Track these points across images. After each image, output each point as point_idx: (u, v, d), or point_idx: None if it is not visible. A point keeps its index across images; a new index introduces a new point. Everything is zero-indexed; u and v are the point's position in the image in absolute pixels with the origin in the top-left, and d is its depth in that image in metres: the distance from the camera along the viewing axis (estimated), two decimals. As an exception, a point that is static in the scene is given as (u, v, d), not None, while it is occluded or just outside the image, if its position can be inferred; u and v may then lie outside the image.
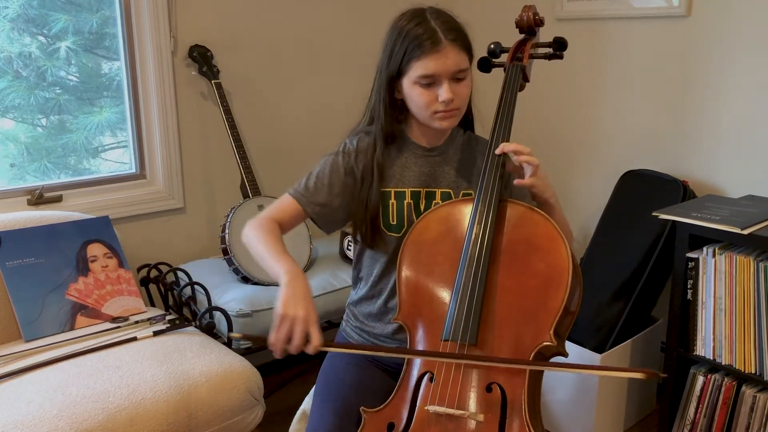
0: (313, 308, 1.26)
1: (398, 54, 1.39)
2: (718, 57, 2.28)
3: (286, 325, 1.23)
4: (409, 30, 1.38)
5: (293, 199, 1.49)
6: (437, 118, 1.42)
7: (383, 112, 1.47)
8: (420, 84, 1.39)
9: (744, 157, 2.27)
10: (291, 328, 1.23)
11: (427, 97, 1.40)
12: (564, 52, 1.53)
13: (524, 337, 1.27)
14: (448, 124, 1.44)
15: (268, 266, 1.38)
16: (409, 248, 1.41)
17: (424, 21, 1.39)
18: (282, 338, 1.23)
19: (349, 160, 1.50)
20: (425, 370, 1.30)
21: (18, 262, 1.99)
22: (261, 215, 1.48)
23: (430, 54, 1.36)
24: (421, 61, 1.36)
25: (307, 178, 1.50)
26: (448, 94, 1.38)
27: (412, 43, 1.37)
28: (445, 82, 1.38)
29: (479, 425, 1.22)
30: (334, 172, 1.49)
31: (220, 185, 2.65)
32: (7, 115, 2.28)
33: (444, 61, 1.36)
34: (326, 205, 1.48)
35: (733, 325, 1.91)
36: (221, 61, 2.53)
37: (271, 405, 2.12)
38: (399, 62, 1.39)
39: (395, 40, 1.41)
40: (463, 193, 1.50)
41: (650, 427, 2.42)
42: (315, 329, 1.24)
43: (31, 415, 1.57)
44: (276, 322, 1.24)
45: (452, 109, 1.41)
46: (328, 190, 1.48)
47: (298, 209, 1.48)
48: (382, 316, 1.54)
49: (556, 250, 1.31)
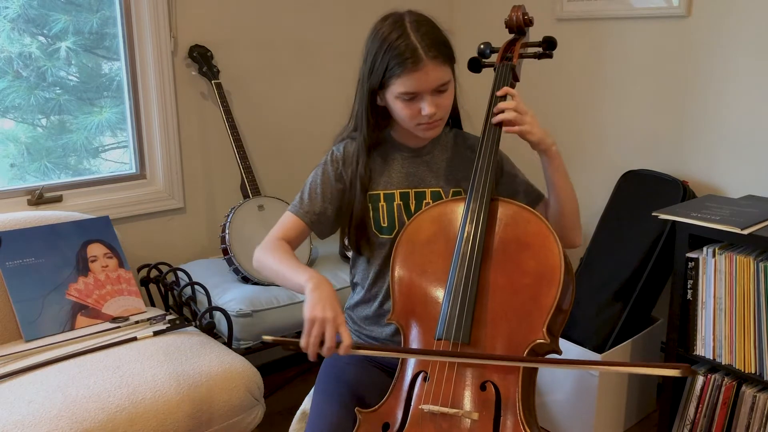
0: (340, 310, 1.28)
1: (379, 69, 1.38)
2: (717, 57, 2.29)
3: (318, 327, 1.25)
4: (390, 44, 1.36)
5: (293, 215, 1.51)
6: (421, 129, 1.44)
7: (365, 124, 1.48)
8: (402, 99, 1.39)
9: (744, 157, 2.27)
10: (322, 330, 1.24)
11: (409, 111, 1.40)
12: (554, 51, 1.53)
13: (517, 335, 1.28)
14: (432, 134, 1.46)
15: (289, 281, 1.39)
16: (402, 248, 1.42)
17: (405, 34, 1.36)
18: (314, 341, 1.24)
19: (338, 167, 1.52)
20: (419, 369, 1.31)
21: (18, 262, 1.99)
22: (267, 239, 1.49)
23: (411, 73, 1.35)
24: (402, 79, 1.36)
25: (302, 192, 1.53)
26: (431, 109, 1.38)
27: (393, 60, 1.36)
28: (427, 96, 1.38)
29: (474, 424, 1.23)
30: (325, 182, 1.52)
31: (220, 185, 2.65)
32: (7, 115, 2.28)
33: (425, 79, 1.36)
34: (323, 213, 1.51)
35: (733, 325, 1.91)
36: (221, 61, 2.53)
37: (271, 405, 2.12)
38: (380, 77, 1.39)
39: (376, 54, 1.39)
40: (453, 192, 1.51)
41: (650, 427, 2.42)
42: (345, 329, 1.26)
43: (31, 415, 1.57)
44: (307, 326, 1.25)
45: (435, 120, 1.42)
46: (321, 199, 1.51)
47: (300, 224, 1.50)
48: (379, 319, 1.55)
49: (548, 247, 1.31)
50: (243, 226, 2.31)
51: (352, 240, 1.52)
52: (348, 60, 2.90)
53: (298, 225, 1.50)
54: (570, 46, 2.69)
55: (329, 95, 2.81)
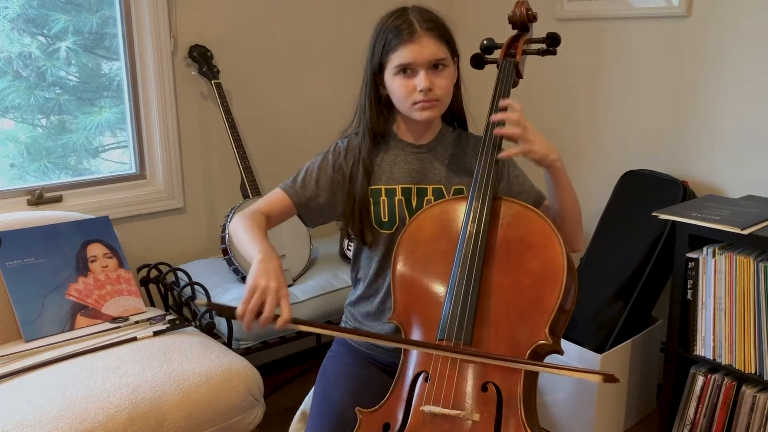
0: (285, 283, 1.25)
1: (378, 48, 1.44)
2: (718, 57, 2.28)
3: (258, 296, 1.21)
4: (388, 25, 1.44)
5: (283, 192, 1.52)
6: (417, 108, 1.44)
7: (368, 107, 1.50)
8: (399, 75, 1.42)
9: (744, 157, 2.27)
10: (262, 299, 1.21)
11: (405, 87, 1.42)
12: (557, 47, 1.52)
13: (519, 335, 1.27)
14: (428, 115, 1.44)
15: (246, 250, 1.37)
16: (404, 247, 1.41)
17: (404, 14, 1.44)
18: (252, 309, 1.21)
19: (338, 157, 1.53)
20: (420, 369, 1.30)
21: (18, 262, 1.99)
22: (250, 207, 1.49)
23: (406, 44, 1.40)
24: (398, 51, 1.41)
25: (297, 173, 1.54)
26: (426, 83, 1.40)
27: (390, 34, 1.42)
28: (421, 71, 1.41)
29: (475, 425, 1.22)
30: (323, 168, 1.52)
31: (220, 185, 2.65)
32: (7, 115, 2.28)
33: (420, 50, 1.40)
34: (312, 198, 1.51)
35: (733, 325, 1.91)
36: (221, 61, 2.53)
37: (271, 405, 2.12)
38: (379, 55, 1.44)
39: (377, 37, 1.46)
40: (455, 189, 1.51)
41: (650, 427, 2.42)
42: (286, 302, 1.22)
43: (31, 415, 1.57)
44: (246, 294, 1.22)
45: (431, 99, 1.42)
46: (315, 184, 1.51)
47: (287, 202, 1.51)
48: (380, 315, 1.54)
49: (551, 248, 1.30)
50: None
51: (357, 229, 1.51)
52: (348, 60, 2.91)
53: (285, 202, 1.51)
54: (570, 46, 2.68)
55: (329, 95, 2.81)
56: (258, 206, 1.50)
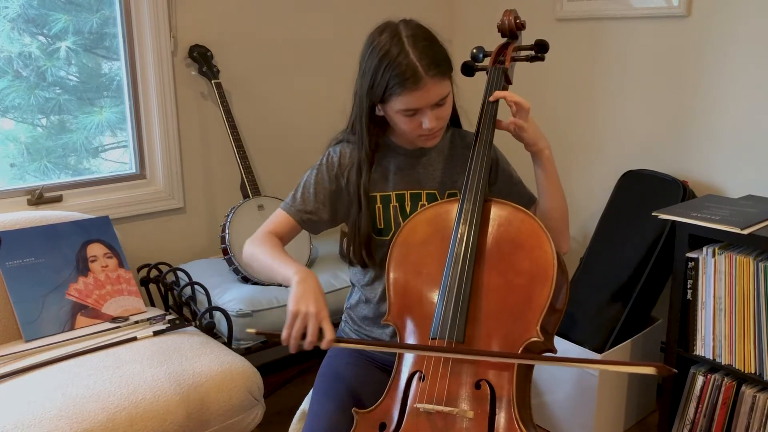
0: (325, 304, 1.29)
1: (380, 86, 1.37)
2: (718, 57, 2.29)
3: (300, 321, 1.26)
4: (390, 62, 1.35)
5: (285, 212, 1.53)
6: (422, 140, 1.45)
7: (366, 138, 1.48)
8: (403, 114, 1.40)
9: (744, 157, 2.27)
10: (304, 324, 1.25)
11: (410, 125, 1.41)
12: (545, 53, 1.55)
13: (511, 333, 1.29)
14: (432, 143, 1.47)
15: (276, 273, 1.40)
16: (397, 250, 1.42)
17: (404, 51, 1.35)
18: (296, 334, 1.25)
19: (333, 169, 1.53)
20: (415, 369, 1.32)
21: (18, 262, 1.99)
22: (257, 232, 1.51)
23: (412, 92, 1.35)
24: (402, 97, 1.36)
25: (295, 190, 1.55)
26: (432, 124, 1.39)
27: (393, 80, 1.35)
28: (428, 111, 1.39)
29: (469, 422, 1.24)
30: (319, 183, 1.53)
31: (220, 185, 2.65)
32: (7, 115, 2.28)
33: (426, 97, 1.36)
34: (314, 213, 1.53)
35: (732, 325, 1.91)
36: (221, 61, 2.53)
37: (271, 405, 2.12)
38: (381, 93, 1.38)
39: (375, 70, 1.38)
40: (449, 194, 1.52)
41: (650, 427, 2.42)
42: (328, 324, 1.26)
43: (31, 415, 1.57)
44: (289, 319, 1.27)
45: (436, 131, 1.43)
46: (314, 198, 1.52)
47: (291, 221, 1.52)
48: (378, 319, 1.55)
49: (541, 247, 1.32)
50: (243, 226, 2.31)
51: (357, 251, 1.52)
52: (348, 60, 2.90)
53: (289, 222, 1.52)
54: (569, 46, 2.69)
55: (329, 95, 2.81)
56: (267, 228, 1.51)
